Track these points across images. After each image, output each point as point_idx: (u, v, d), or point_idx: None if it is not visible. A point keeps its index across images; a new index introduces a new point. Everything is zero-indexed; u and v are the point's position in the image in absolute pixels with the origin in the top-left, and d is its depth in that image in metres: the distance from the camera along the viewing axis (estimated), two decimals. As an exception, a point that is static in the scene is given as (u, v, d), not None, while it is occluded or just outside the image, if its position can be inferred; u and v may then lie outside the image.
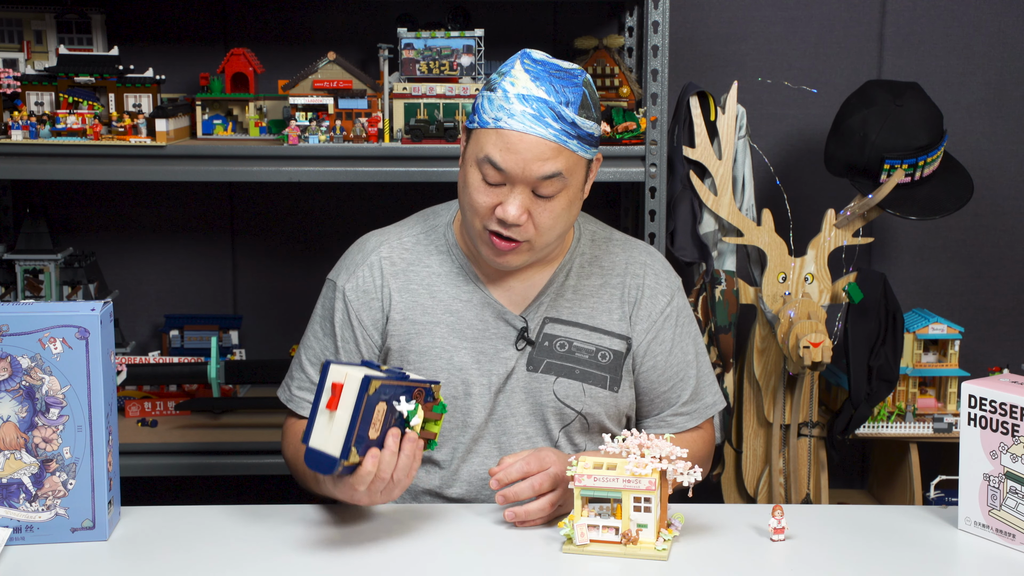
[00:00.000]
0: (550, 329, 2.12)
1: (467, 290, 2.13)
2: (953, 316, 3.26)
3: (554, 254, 2.14)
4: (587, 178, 2.07)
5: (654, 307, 2.16)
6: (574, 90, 1.98)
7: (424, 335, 2.11)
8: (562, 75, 1.99)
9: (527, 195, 1.99)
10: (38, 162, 2.76)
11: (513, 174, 1.97)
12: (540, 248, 2.05)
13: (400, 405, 1.83)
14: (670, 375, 2.17)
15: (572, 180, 2.00)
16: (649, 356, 2.16)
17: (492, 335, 2.11)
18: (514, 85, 1.97)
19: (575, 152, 1.99)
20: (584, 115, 1.99)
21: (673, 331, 2.17)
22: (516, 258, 2.05)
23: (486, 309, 2.12)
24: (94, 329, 1.82)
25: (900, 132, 2.89)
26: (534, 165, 1.96)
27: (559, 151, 1.97)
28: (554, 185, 1.98)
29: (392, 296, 2.13)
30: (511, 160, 1.96)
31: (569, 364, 2.12)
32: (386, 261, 2.15)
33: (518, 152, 1.96)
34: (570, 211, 2.04)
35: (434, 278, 2.14)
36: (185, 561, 1.81)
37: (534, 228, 2.01)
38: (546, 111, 1.96)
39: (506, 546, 1.87)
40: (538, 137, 1.95)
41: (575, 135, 1.98)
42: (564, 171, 1.98)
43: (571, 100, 1.97)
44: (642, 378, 2.17)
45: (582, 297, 2.15)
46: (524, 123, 1.95)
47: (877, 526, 1.96)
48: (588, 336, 2.13)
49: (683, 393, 2.18)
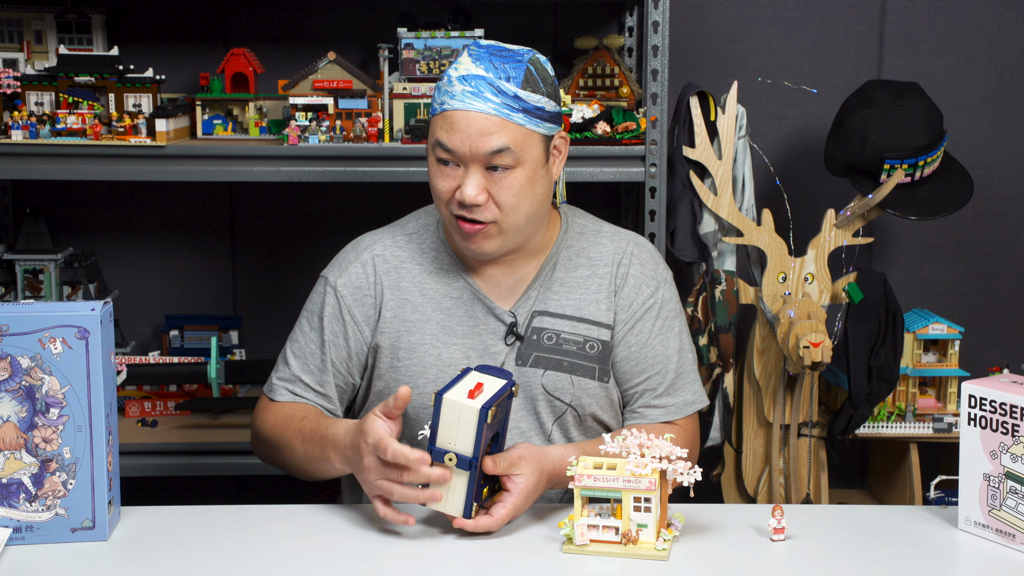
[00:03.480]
0: (538, 322, 2.13)
1: (457, 287, 2.14)
2: (953, 316, 3.26)
3: (540, 246, 2.15)
4: (549, 156, 2.06)
5: (636, 297, 2.16)
6: (516, 66, 2.01)
7: (414, 332, 2.12)
8: (505, 54, 2.02)
9: (481, 173, 2.01)
10: (38, 162, 2.76)
11: (461, 153, 2.00)
12: (510, 230, 2.05)
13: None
14: (644, 367, 2.16)
15: (526, 155, 2.01)
16: (624, 345, 2.15)
17: (482, 330, 2.12)
18: (457, 69, 2.02)
19: (523, 125, 2.00)
20: (529, 88, 2.00)
21: (653, 323, 2.17)
22: (488, 243, 2.06)
23: (476, 305, 2.13)
24: (94, 329, 1.82)
25: (900, 132, 2.89)
26: (479, 141, 1.98)
27: (503, 124, 1.99)
28: (504, 159, 1.99)
29: (384, 293, 2.14)
30: (457, 139, 1.99)
31: (557, 356, 2.12)
32: (379, 259, 2.17)
33: (461, 130, 1.99)
34: (532, 189, 2.04)
35: (424, 275, 2.15)
36: (185, 561, 1.81)
37: (497, 208, 2.02)
38: (484, 86, 1.99)
39: (506, 546, 1.87)
40: (478, 112, 1.98)
41: (520, 108, 1.99)
42: (512, 144, 1.99)
43: (512, 75, 2.00)
44: (615, 367, 2.16)
45: (570, 289, 2.15)
46: (464, 101, 1.99)
47: (877, 526, 1.96)
48: (576, 328, 2.14)
49: (658, 386, 2.17)
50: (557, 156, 2.09)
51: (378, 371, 2.15)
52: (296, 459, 2.09)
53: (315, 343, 2.17)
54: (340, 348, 2.15)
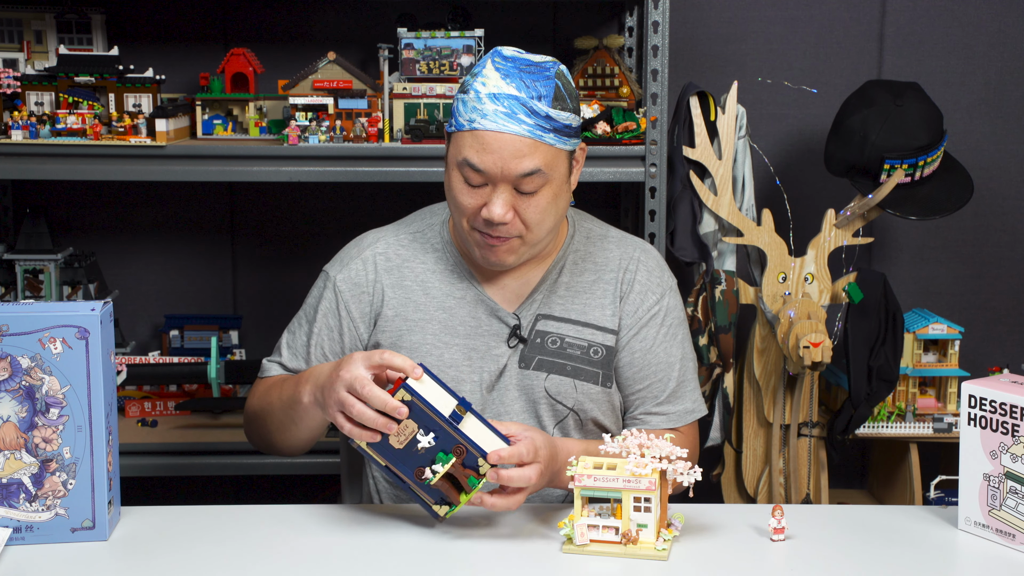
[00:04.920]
0: (542, 326, 2.13)
1: (461, 287, 2.14)
2: (953, 316, 3.26)
3: (547, 251, 2.15)
4: (571, 169, 2.06)
5: (641, 303, 2.16)
6: (546, 83, 1.98)
7: (416, 331, 2.12)
8: (533, 69, 1.99)
9: (510, 193, 1.99)
10: (38, 162, 2.76)
11: (492, 174, 1.97)
12: (532, 243, 2.05)
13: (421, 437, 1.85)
14: (647, 373, 2.16)
15: (554, 174, 2.00)
16: (627, 351, 2.15)
17: (485, 332, 2.12)
18: (485, 85, 1.98)
19: (553, 145, 1.98)
20: (559, 107, 1.98)
21: (657, 330, 2.17)
22: (510, 255, 2.05)
23: (479, 306, 2.13)
24: (94, 329, 1.82)
25: (900, 132, 2.89)
26: (512, 163, 1.96)
27: (535, 146, 1.97)
28: (535, 181, 1.98)
29: (385, 292, 2.14)
30: (488, 160, 1.96)
31: (560, 360, 2.12)
32: (381, 257, 2.17)
33: (494, 151, 1.96)
34: (557, 204, 2.03)
35: (428, 275, 2.15)
36: (185, 561, 1.81)
37: (523, 224, 2.02)
38: (518, 107, 1.96)
39: (506, 546, 1.87)
40: (512, 134, 1.96)
41: (551, 128, 1.98)
42: (543, 166, 1.98)
43: (543, 94, 1.97)
44: (618, 372, 2.16)
45: (575, 293, 2.15)
46: (497, 122, 1.96)
47: (877, 526, 1.96)
48: (580, 332, 2.13)
49: (659, 393, 2.17)
50: (576, 166, 2.08)
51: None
52: (274, 417, 2.08)
53: (306, 335, 2.17)
54: (334, 342, 2.15)
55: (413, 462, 1.86)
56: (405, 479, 1.88)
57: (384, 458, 1.87)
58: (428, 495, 1.89)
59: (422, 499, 1.90)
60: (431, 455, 1.86)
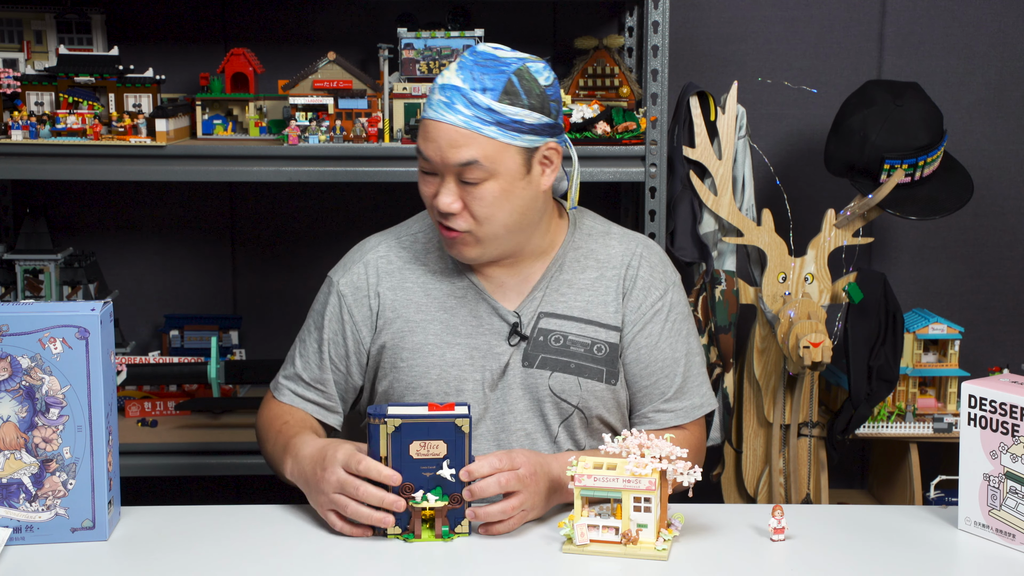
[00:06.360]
0: (545, 324, 2.13)
1: (461, 286, 2.14)
2: (953, 316, 3.26)
3: (544, 247, 2.15)
4: (531, 167, 2.04)
5: (645, 299, 2.16)
6: (496, 77, 1.99)
7: (418, 332, 2.12)
8: (490, 64, 2.01)
9: (455, 183, 2.02)
10: (38, 162, 2.76)
11: (435, 162, 2.01)
12: (487, 239, 2.05)
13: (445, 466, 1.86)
14: (653, 370, 2.16)
15: (498, 168, 2.00)
16: (633, 348, 2.15)
17: (486, 331, 2.12)
18: (443, 76, 2.02)
19: (495, 139, 1.99)
20: (508, 101, 1.99)
21: (662, 326, 2.16)
22: (467, 249, 2.07)
23: (480, 305, 2.13)
24: (94, 329, 1.82)
25: (900, 132, 2.89)
26: (449, 152, 1.99)
27: (472, 137, 1.98)
28: (475, 173, 1.99)
29: (386, 295, 2.15)
30: (430, 148, 2.01)
31: (564, 358, 2.12)
32: (382, 260, 2.17)
33: (433, 140, 2.00)
34: (508, 201, 2.03)
35: (429, 275, 2.16)
36: (185, 561, 1.81)
37: (473, 218, 2.03)
38: (458, 98, 1.98)
39: (506, 546, 1.87)
40: (448, 124, 1.99)
41: (493, 121, 1.98)
42: (481, 158, 1.98)
43: (489, 87, 1.99)
44: (625, 369, 2.16)
45: (577, 291, 2.15)
46: (437, 111, 2.00)
47: (877, 526, 1.96)
48: (583, 329, 2.13)
49: (667, 390, 2.17)
50: (548, 166, 2.07)
51: (382, 371, 2.15)
52: (267, 453, 2.15)
53: (316, 342, 2.18)
54: (339, 346, 2.16)
55: (413, 476, 1.86)
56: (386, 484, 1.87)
57: (393, 451, 1.86)
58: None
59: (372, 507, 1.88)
60: (432, 484, 1.86)
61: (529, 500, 1.91)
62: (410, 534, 1.87)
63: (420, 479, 1.86)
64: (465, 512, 1.89)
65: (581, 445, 2.16)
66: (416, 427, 1.85)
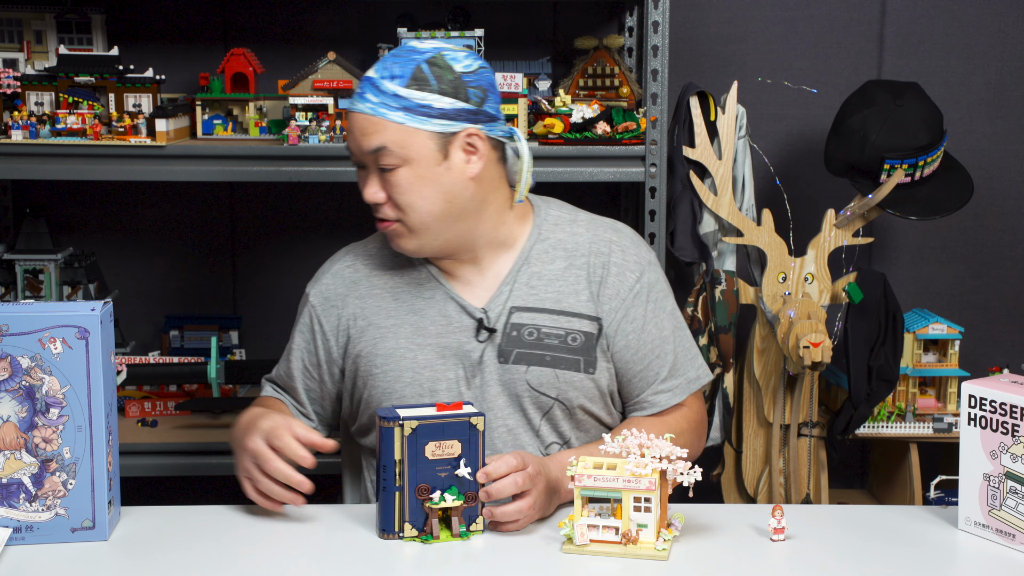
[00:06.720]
0: (517, 318, 2.12)
1: (429, 288, 2.15)
2: (953, 316, 3.26)
3: (507, 241, 2.15)
4: (448, 153, 2.04)
5: (622, 284, 2.15)
6: (405, 64, 2.03)
7: (389, 338, 2.13)
8: (402, 54, 2.05)
9: (376, 174, 2.06)
10: (38, 162, 2.76)
11: (354, 152, 2.08)
12: (418, 228, 2.07)
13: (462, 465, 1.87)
14: (644, 353, 2.15)
15: (410, 153, 2.02)
16: (620, 335, 2.14)
17: (455, 329, 2.12)
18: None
19: (402, 123, 2.01)
20: (416, 87, 2.01)
21: (644, 307, 2.15)
22: (403, 240, 2.09)
23: (448, 305, 2.13)
24: (94, 329, 1.82)
25: (900, 132, 2.89)
26: (361, 140, 2.04)
27: (380, 124, 2.02)
28: (388, 159, 2.02)
29: (354, 304, 2.17)
30: (350, 140, 2.07)
31: (539, 351, 2.11)
32: (349, 269, 2.20)
33: (350, 131, 2.07)
34: (428, 187, 2.04)
35: (396, 280, 2.17)
36: (185, 561, 1.81)
37: (398, 207, 2.06)
38: (367, 87, 2.04)
39: (506, 546, 1.87)
40: (358, 112, 2.04)
41: (399, 107, 2.01)
42: (390, 143, 2.01)
43: (397, 74, 2.02)
44: (616, 358, 2.15)
45: (547, 282, 2.14)
46: (352, 103, 2.06)
47: (877, 526, 1.96)
48: (556, 321, 2.12)
49: (661, 370, 2.16)
50: (473, 153, 2.07)
51: (360, 379, 2.16)
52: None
53: (289, 350, 2.24)
54: (312, 355, 2.20)
55: (429, 477, 1.86)
56: (400, 482, 1.87)
57: (409, 453, 1.86)
58: (403, 512, 1.88)
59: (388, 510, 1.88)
60: (447, 483, 1.86)
61: (538, 499, 1.92)
62: (428, 535, 1.87)
63: (435, 479, 1.86)
64: (481, 511, 1.89)
65: (566, 437, 2.15)
66: (431, 428, 1.85)
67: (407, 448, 1.85)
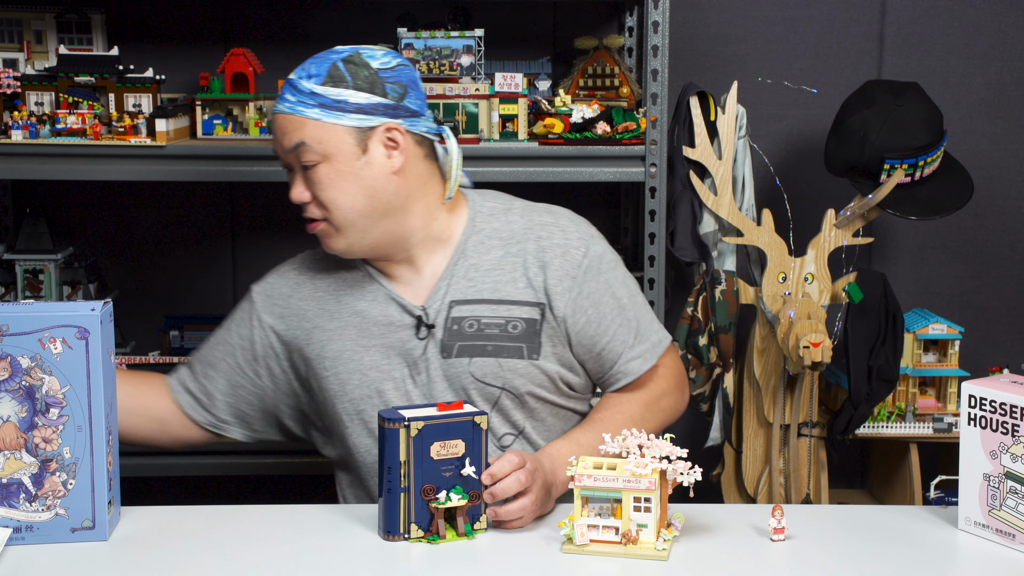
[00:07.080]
0: (457, 312, 2.12)
1: (371, 289, 2.16)
2: (953, 316, 3.26)
3: (442, 236, 2.15)
4: (366, 148, 2.05)
5: (568, 263, 2.13)
6: (321, 64, 2.05)
7: (335, 340, 2.14)
8: (321, 55, 2.08)
9: (300, 174, 2.08)
10: (38, 162, 2.76)
11: (278, 154, 2.10)
12: (343, 226, 2.07)
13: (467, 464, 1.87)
14: (607, 324, 2.14)
15: (328, 148, 2.04)
16: (580, 312, 2.13)
17: (397, 328, 2.12)
18: None
19: (319, 120, 2.03)
20: (332, 84, 2.03)
21: (597, 280, 2.14)
22: (331, 241, 2.10)
23: (390, 305, 2.14)
24: (94, 329, 1.82)
25: (900, 132, 2.89)
26: (281, 140, 2.07)
27: (297, 121, 2.04)
28: (307, 156, 2.04)
29: (297, 304, 2.19)
30: (274, 142, 2.10)
31: (480, 342, 2.10)
32: (294, 272, 2.23)
33: (273, 133, 2.10)
34: (349, 183, 2.05)
35: (340, 283, 2.18)
36: (185, 561, 1.81)
37: (322, 206, 2.07)
38: (287, 88, 2.07)
39: (506, 546, 1.87)
40: (278, 113, 2.07)
41: (316, 104, 2.03)
42: (308, 139, 2.03)
43: (313, 73, 2.05)
44: (580, 336, 2.14)
45: (484, 272, 2.14)
46: (275, 106, 2.09)
47: (877, 526, 1.96)
48: (495, 310, 2.12)
49: (627, 337, 2.15)
50: (394, 148, 2.07)
51: (315, 381, 2.17)
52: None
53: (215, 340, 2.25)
54: (246, 351, 2.21)
55: (434, 477, 1.86)
56: (406, 483, 1.87)
57: (415, 454, 1.86)
58: (409, 513, 1.88)
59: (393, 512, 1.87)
60: (452, 483, 1.87)
61: (538, 494, 1.93)
62: (435, 535, 1.87)
63: (440, 479, 1.86)
64: (484, 509, 1.90)
65: (520, 427, 2.14)
66: (437, 428, 1.85)
67: (413, 449, 1.85)
